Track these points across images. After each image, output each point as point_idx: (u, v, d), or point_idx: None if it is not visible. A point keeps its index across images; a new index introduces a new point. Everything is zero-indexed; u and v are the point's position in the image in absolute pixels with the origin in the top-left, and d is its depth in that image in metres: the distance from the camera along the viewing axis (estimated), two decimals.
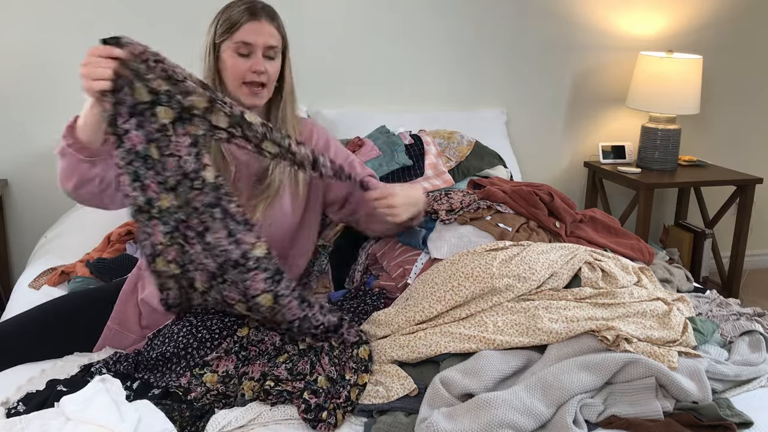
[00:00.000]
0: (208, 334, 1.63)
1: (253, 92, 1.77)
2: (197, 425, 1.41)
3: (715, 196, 3.60)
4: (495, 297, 1.65)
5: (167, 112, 1.52)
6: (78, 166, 1.60)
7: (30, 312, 1.80)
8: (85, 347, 1.75)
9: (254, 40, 1.75)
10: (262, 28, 1.76)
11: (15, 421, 1.35)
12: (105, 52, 1.47)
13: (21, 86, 2.86)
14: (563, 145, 3.58)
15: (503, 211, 2.06)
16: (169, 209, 1.56)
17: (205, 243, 1.56)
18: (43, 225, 2.81)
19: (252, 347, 1.63)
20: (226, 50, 1.77)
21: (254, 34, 1.75)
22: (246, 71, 1.75)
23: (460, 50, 3.31)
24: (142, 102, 1.51)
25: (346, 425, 1.44)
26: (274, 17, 1.80)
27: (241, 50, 1.75)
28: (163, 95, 1.51)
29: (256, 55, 1.76)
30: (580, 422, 1.37)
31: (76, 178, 1.62)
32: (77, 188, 1.64)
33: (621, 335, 1.52)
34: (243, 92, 1.77)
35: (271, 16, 1.79)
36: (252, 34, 1.75)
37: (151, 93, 1.51)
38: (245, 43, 1.75)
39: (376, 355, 1.60)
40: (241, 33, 1.75)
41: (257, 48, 1.75)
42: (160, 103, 1.51)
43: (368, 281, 2.00)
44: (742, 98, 3.77)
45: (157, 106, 1.51)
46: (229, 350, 1.61)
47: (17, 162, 2.93)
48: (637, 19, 3.50)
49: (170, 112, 1.52)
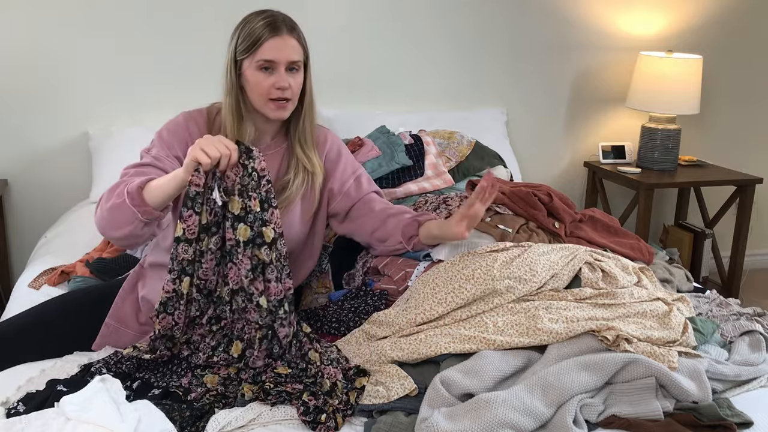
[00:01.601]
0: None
1: (279, 106, 1.75)
2: (197, 425, 1.41)
3: (715, 196, 3.60)
4: (496, 299, 1.65)
5: (246, 231, 1.55)
6: (134, 222, 1.59)
7: (30, 311, 1.80)
8: (85, 347, 1.75)
9: (276, 57, 1.72)
10: (284, 43, 1.73)
11: (15, 420, 1.35)
12: (231, 147, 1.52)
13: (21, 86, 2.86)
14: (563, 145, 3.58)
15: (502, 213, 2.06)
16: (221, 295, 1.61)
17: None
18: (43, 225, 2.81)
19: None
20: (248, 68, 1.74)
21: (276, 50, 1.72)
22: (270, 88, 1.72)
23: (460, 50, 3.31)
24: (230, 212, 1.55)
25: (346, 425, 1.44)
26: (294, 29, 1.76)
27: (264, 67, 1.72)
28: (251, 215, 1.55)
29: (278, 72, 1.73)
30: (580, 422, 1.37)
31: (126, 231, 1.61)
32: (123, 238, 1.64)
33: (621, 335, 1.52)
34: (269, 108, 1.75)
35: (292, 28, 1.76)
36: (274, 51, 1.71)
37: (243, 210, 1.55)
38: (268, 60, 1.72)
39: (376, 355, 1.60)
40: (263, 51, 1.71)
41: (280, 64, 1.72)
42: (245, 222, 1.55)
43: (369, 282, 2.00)
44: (742, 98, 3.77)
45: (240, 222, 1.55)
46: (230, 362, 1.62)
47: (17, 162, 2.93)
48: (637, 19, 3.50)
49: (248, 232, 1.56)
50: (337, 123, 2.99)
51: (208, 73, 2.19)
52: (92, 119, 2.95)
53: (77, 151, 2.96)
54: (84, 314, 1.79)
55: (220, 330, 1.62)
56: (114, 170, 2.75)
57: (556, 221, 2.05)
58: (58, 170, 2.96)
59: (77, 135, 2.95)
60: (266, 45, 1.71)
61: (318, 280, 2.09)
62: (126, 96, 2.97)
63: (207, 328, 1.62)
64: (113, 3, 2.87)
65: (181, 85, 2.97)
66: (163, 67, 2.97)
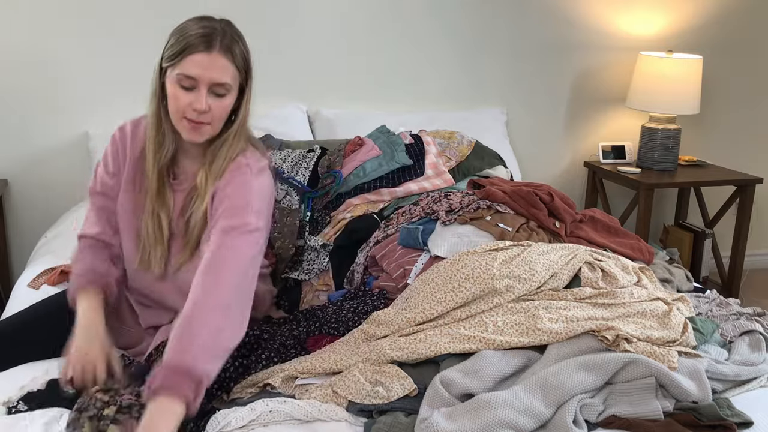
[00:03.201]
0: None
1: (193, 127, 1.55)
2: (198, 424, 1.41)
3: (715, 196, 3.60)
4: (495, 298, 1.65)
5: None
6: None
7: (30, 311, 1.80)
8: None
9: (199, 74, 1.51)
10: (212, 61, 1.52)
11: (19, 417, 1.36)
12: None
13: (21, 86, 2.86)
14: (563, 145, 3.58)
15: (503, 211, 2.06)
16: None
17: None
18: (43, 225, 2.81)
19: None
20: (170, 77, 1.54)
21: (200, 67, 1.51)
22: (186, 107, 1.53)
23: (460, 50, 3.31)
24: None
25: (346, 425, 1.44)
26: (230, 48, 1.55)
27: (183, 83, 1.52)
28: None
29: (198, 91, 1.52)
30: (580, 422, 1.37)
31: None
32: None
33: (621, 335, 1.52)
34: (183, 126, 1.56)
35: (227, 46, 1.54)
36: (197, 68, 1.51)
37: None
38: (188, 76, 1.52)
39: (376, 355, 1.59)
40: (186, 64, 1.51)
41: (201, 83, 1.52)
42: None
43: (368, 282, 2.00)
44: (742, 98, 3.77)
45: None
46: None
47: (17, 162, 2.93)
48: (637, 19, 3.50)
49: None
50: (337, 123, 3.00)
51: None
52: (92, 119, 2.95)
53: (77, 151, 2.95)
54: None
55: None
56: None
57: (557, 221, 2.05)
58: (58, 170, 2.96)
59: (77, 135, 2.95)
60: (191, 59, 1.51)
61: (319, 277, 2.09)
62: (126, 96, 2.96)
63: None
64: (113, 3, 2.87)
65: None
66: None
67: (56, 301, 1.83)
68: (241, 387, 1.57)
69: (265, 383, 1.56)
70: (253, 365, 1.64)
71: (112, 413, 1.38)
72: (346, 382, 1.51)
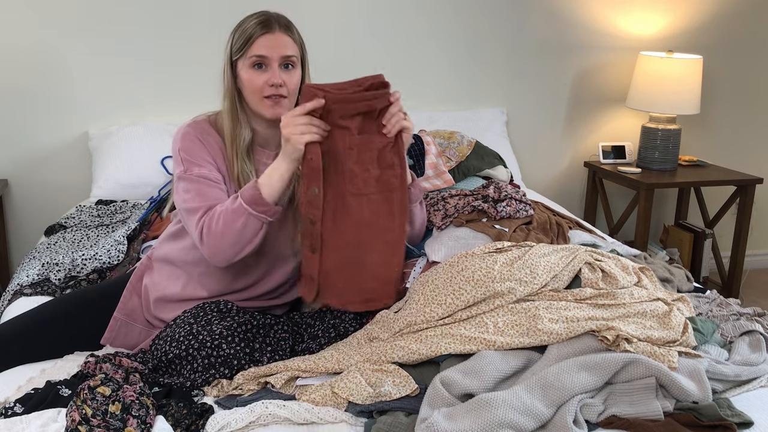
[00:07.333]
0: (209, 336, 1.63)
1: (274, 103, 1.73)
2: (197, 423, 1.41)
3: (715, 196, 3.61)
4: (496, 300, 1.65)
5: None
6: (262, 228, 1.65)
7: (30, 311, 1.80)
8: (85, 346, 1.76)
9: (269, 52, 1.71)
10: (277, 39, 1.72)
11: (16, 420, 1.35)
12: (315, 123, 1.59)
13: (21, 86, 2.86)
14: (563, 145, 3.58)
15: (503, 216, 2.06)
16: None
17: None
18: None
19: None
20: (242, 67, 1.73)
21: (268, 46, 1.71)
22: (263, 85, 1.71)
23: (460, 50, 3.31)
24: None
25: (346, 425, 1.44)
26: (288, 27, 1.76)
27: (256, 63, 1.71)
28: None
29: (272, 68, 1.71)
30: (580, 422, 1.37)
31: (256, 242, 1.66)
32: (249, 254, 1.68)
33: (621, 335, 1.52)
34: (264, 106, 1.73)
35: (286, 26, 1.76)
36: (266, 47, 1.71)
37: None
38: (260, 56, 1.71)
39: (376, 355, 1.59)
40: (255, 47, 1.71)
41: (273, 60, 1.71)
42: None
43: None
44: (742, 98, 3.77)
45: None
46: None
47: (17, 162, 2.93)
48: (637, 19, 3.50)
49: None
50: None
51: (208, 73, 2.19)
52: (92, 119, 2.95)
53: (77, 151, 2.96)
54: (84, 314, 1.79)
55: None
56: (114, 170, 2.77)
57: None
58: (58, 170, 2.97)
59: (77, 135, 2.95)
60: (258, 42, 1.71)
61: None
62: (126, 96, 2.97)
63: None
64: (113, 3, 2.87)
65: (181, 85, 2.97)
66: (163, 68, 2.97)
67: (57, 302, 1.83)
68: (244, 378, 1.57)
69: (265, 381, 1.56)
70: (258, 354, 1.66)
71: (117, 411, 1.38)
72: (346, 383, 1.51)
